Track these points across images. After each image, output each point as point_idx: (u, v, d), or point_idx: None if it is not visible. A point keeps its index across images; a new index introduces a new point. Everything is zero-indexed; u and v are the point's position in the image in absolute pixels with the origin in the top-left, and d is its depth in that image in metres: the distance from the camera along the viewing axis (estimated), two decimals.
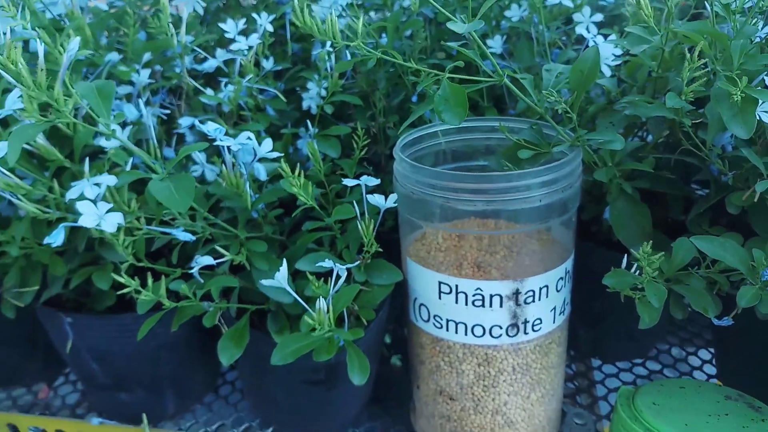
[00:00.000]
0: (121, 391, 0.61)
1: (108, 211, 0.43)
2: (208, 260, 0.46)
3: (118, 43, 0.71)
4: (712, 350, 0.71)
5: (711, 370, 0.69)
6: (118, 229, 0.44)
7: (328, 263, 0.44)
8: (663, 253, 0.45)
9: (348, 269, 0.46)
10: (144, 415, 0.59)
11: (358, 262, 0.49)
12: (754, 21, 0.55)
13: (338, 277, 0.44)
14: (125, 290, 0.45)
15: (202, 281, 0.48)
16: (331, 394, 0.56)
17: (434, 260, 0.51)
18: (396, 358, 0.74)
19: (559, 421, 0.59)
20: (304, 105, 0.66)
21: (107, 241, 0.47)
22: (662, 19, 0.50)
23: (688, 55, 0.46)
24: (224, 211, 0.52)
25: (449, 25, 0.42)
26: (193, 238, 0.47)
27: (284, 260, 0.42)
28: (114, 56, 0.63)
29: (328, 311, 0.42)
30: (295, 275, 0.48)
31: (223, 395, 0.68)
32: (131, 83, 0.62)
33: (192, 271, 0.47)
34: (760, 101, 0.42)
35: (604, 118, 0.53)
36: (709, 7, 0.55)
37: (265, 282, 0.42)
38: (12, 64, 0.37)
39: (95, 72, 0.63)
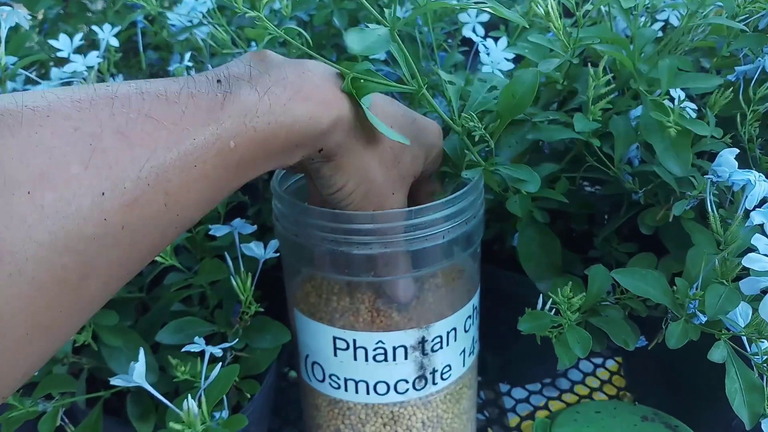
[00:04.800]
0: None
1: None
2: None
3: None
4: (618, 359, 0.69)
5: (621, 382, 0.66)
6: None
7: (198, 343, 0.36)
8: (583, 294, 0.40)
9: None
10: None
11: (236, 327, 0.41)
12: (649, 23, 0.52)
13: (212, 359, 0.36)
14: None
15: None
16: None
17: (326, 309, 0.43)
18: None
19: None
20: None
21: None
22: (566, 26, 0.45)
23: (591, 71, 0.41)
24: None
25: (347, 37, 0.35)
26: None
27: (140, 350, 0.33)
28: None
29: (200, 405, 0.33)
30: (157, 348, 0.40)
31: None
32: None
33: None
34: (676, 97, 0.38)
35: (507, 136, 0.47)
36: (604, 9, 0.51)
37: (115, 380, 0.32)
38: None
39: None
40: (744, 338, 0.39)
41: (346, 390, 0.44)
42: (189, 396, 0.32)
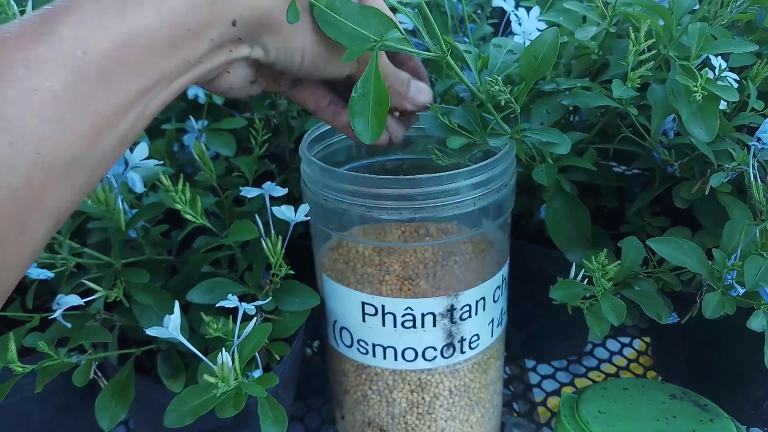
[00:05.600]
0: None
1: None
2: (74, 300, 0.37)
3: None
4: (646, 339, 0.68)
5: (647, 361, 0.66)
6: None
7: (231, 300, 0.36)
8: (618, 261, 0.40)
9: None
10: None
11: (266, 288, 0.41)
12: None
13: (246, 316, 0.36)
14: None
15: (69, 326, 0.38)
16: None
17: (354, 276, 0.43)
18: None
19: None
20: (190, 94, 0.56)
21: None
22: None
23: (632, 36, 0.40)
24: (94, 234, 0.42)
25: None
26: (51, 274, 0.37)
27: (176, 303, 0.33)
28: None
29: (233, 361, 0.33)
30: (187, 308, 0.40)
31: None
32: None
33: (54, 315, 0.37)
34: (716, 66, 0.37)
35: (539, 105, 0.47)
36: None
37: (150, 331, 0.33)
38: None
39: None
40: None
41: (374, 356, 0.44)
42: (223, 349, 0.32)
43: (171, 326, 0.32)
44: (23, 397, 0.46)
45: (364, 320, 0.43)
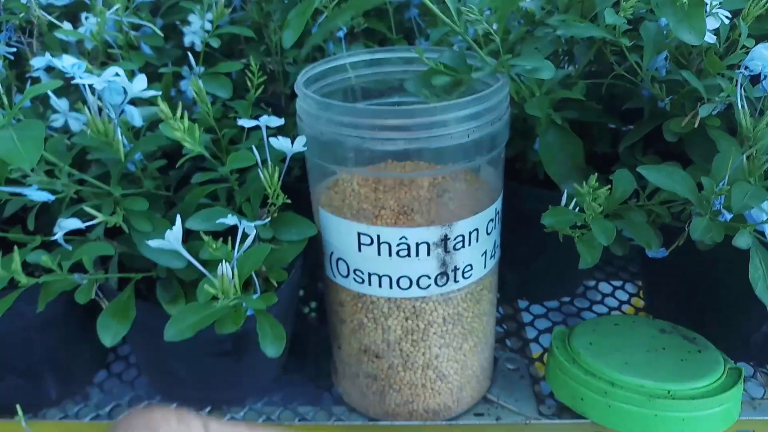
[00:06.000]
0: None
1: None
2: (75, 223, 0.38)
3: None
4: (638, 283, 0.69)
5: (639, 303, 0.67)
6: None
7: (231, 219, 0.37)
8: (609, 186, 0.41)
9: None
10: (18, 407, 0.51)
11: (265, 217, 0.42)
12: None
13: (244, 235, 0.37)
14: None
15: (69, 248, 0.39)
16: (240, 364, 0.49)
17: (350, 208, 0.44)
18: (311, 309, 0.68)
19: (491, 369, 0.56)
20: (186, 41, 0.57)
21: None
22: None
23: None
24: (94, 166, 0.43)
25: None
26: (51, 197, 0.38)
27: (177, 216, 0.34)
28: None
29: (232, 276, 0.34)
30: (185, 238, 0.41)
31: (115, 372, 0.60)
32: None
33: (55, 237, 0.38)
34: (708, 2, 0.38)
35: (528, 44, 0.47)
36: None
37: (152, 242, 0.34)
38: None
39: None
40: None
41: (369, 284, 0.45)
42: (224, 261, 0.33)
43: (172, 237, 0.33)
44: (25, 324, 0.47)
45: (360, 250, 0.44)
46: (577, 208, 0.43)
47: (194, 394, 0.54)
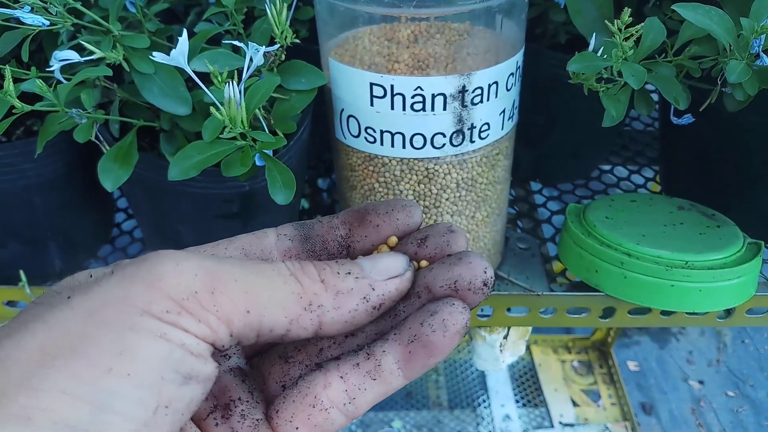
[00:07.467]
0: None
1: None
2: (71, 54, 0.35)
3: None
4: (655, 168, 0.67)
5: (656, 188, 0.65)
6: None
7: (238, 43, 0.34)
8: (642, 24, 0.38)
9: (259, 67, 0.37)
10: (21, 272, 0.50)
11: (271, 61, 0.39)
12: None
13: (251, 62, 0.34)
14: None
15: (65, 82, 0.37)
16: (248, 229, 0.48)
17: (362, 62, 0.41)
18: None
19: (503, 244, 0.54)
20: None
21: None
22: None
23: None
24: (93, 9, 0.40)
25: None
26: (45, 22, 0.35)
27: (184, 30, 0.32)
28: None
29: (240, 102, 0.32)
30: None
31: (120, 247, 0.59)
32: None
33: (51, 68, 0.36)
34: None
35: None
36: None
37: (156, 55, 0.31)
38: None
39: None
40: None
41: (381, 144, 0.43)
42: (231, 81, 0.31)
43: (177, 52, 0.31)
44: (26, 184, 0.46)
45: (372, 104, 0.42)
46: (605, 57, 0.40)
47: None
